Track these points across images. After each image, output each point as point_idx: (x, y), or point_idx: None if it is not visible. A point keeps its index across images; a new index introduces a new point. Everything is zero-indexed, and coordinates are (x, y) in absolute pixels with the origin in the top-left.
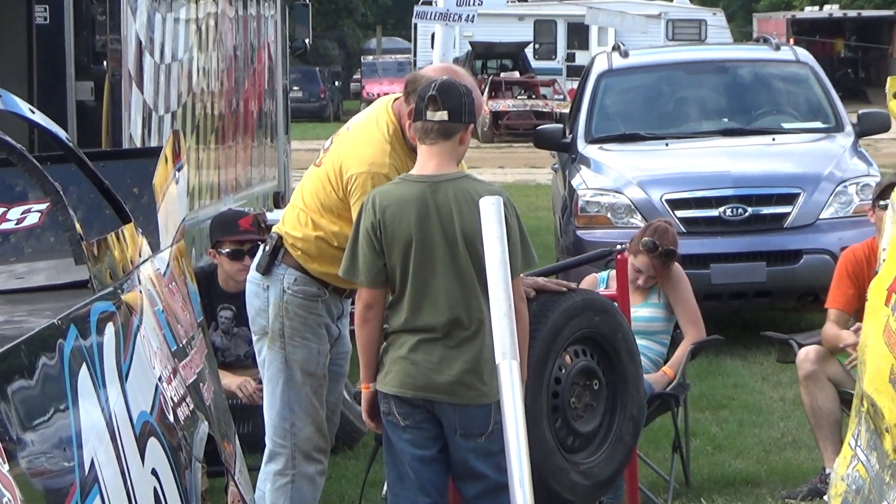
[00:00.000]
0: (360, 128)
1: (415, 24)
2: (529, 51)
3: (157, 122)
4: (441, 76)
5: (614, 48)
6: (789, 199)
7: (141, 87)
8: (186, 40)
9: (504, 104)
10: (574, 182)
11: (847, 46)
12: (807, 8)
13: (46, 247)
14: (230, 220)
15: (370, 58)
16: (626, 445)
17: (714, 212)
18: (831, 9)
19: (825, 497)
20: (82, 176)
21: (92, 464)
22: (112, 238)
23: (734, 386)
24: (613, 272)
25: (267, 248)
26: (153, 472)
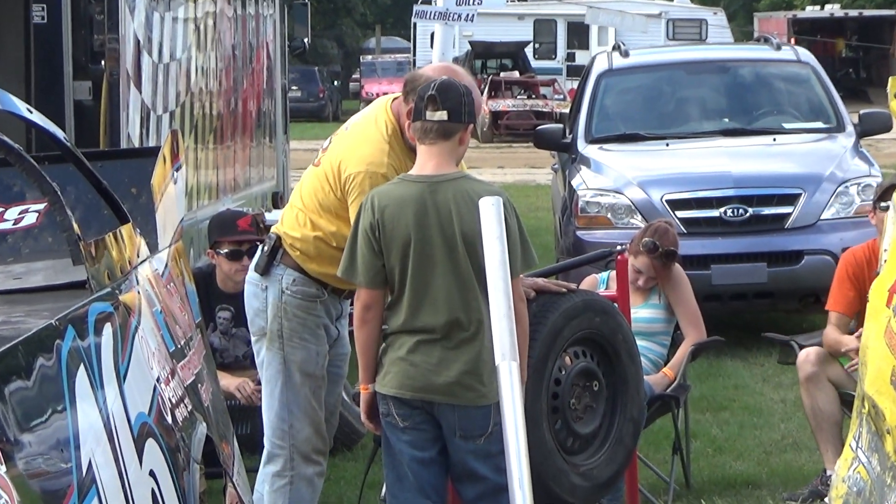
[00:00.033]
0: (359, 127)
1: (414, 24)
2: (529, 50)
3: (156, 122)
4: (440, 76)
5: (614, 48)
6: (790, 200)
7: (139, 87)
8: (185, 40)
9: (504, 104)
10: (574, 182)
11: (848, 46)
12: (808, 7)
13: (44, 247)
14: (228, 221)
15: (369, 57)
16: (627, 447)
17: (715, 212)
18: (832, 8)
19: (826, 499)
20: (80, 176)
21: (89, 465)
22: (110, 238)
23: (735, 387)
24: (613, 273)
25: (265, 249)
26: (151, 474)
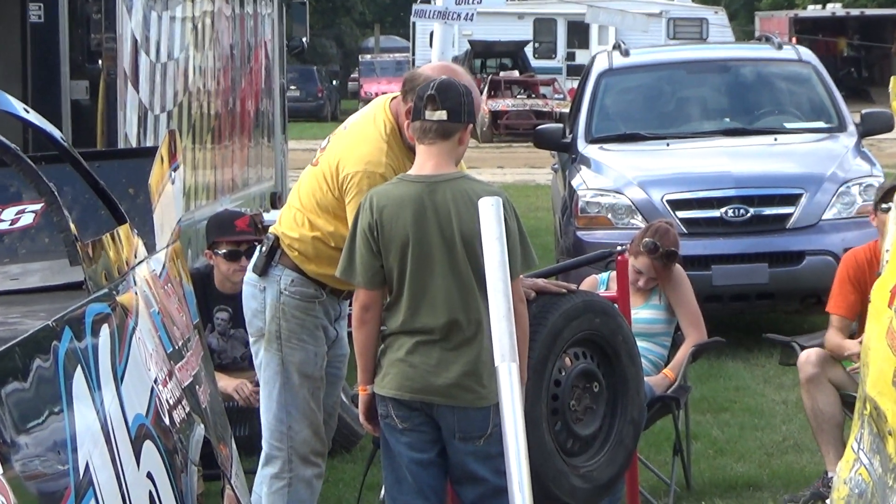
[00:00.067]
0: (358, 127)
1: (413, 23)
2: (529, 49)
3: (153, 122)
4: (440, 75)
5: (615, 47)
6: (791, 200)
7: (136, 87)
8: (182, 39)
9: (503, 103)
10: (574, 182)
11: (850, 45)
12: (809, 6)
13: (41, 248)
14: (226, 221)
15: (368, 57)
16: (627, 449)
17: (716, 212)
18: (834, 7)
19: (827, 501)
20: (77, 176)
21: (87, 467)
22: (107, 239)
23: (736, 388)
24: (614, 273)
25: (263, 249)
26: (148, 476)
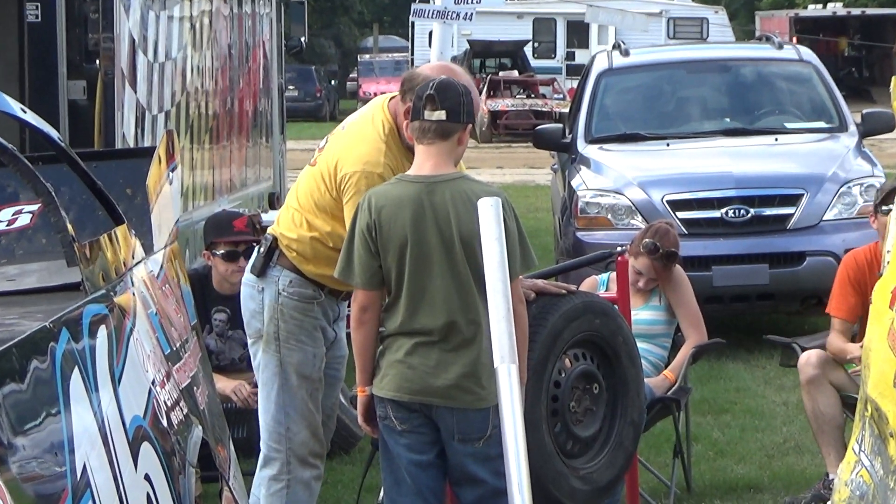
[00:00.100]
0: (356, 127)
1: (412, 22)
2: (528, 49)
3: (151, 122)
4: (439, 75)
5: (615, 47)
6: (792, 201)
7: (134, 86)
8: (180, 39)
9: (503, 103)
10: (574, 183)
11: (851, 45)
12: (810, 6)
13: (38, 248)
14: (224, 221)
15: (367, 56)
16: (627, 451)
17: (716, 213)
18: (835, 7)
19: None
20: (74, 176)
21: (84, 469)
22: (105, 240)
23: (736, 390)
24: (614, 274)
25: (262, 250)
26: (146, 478)
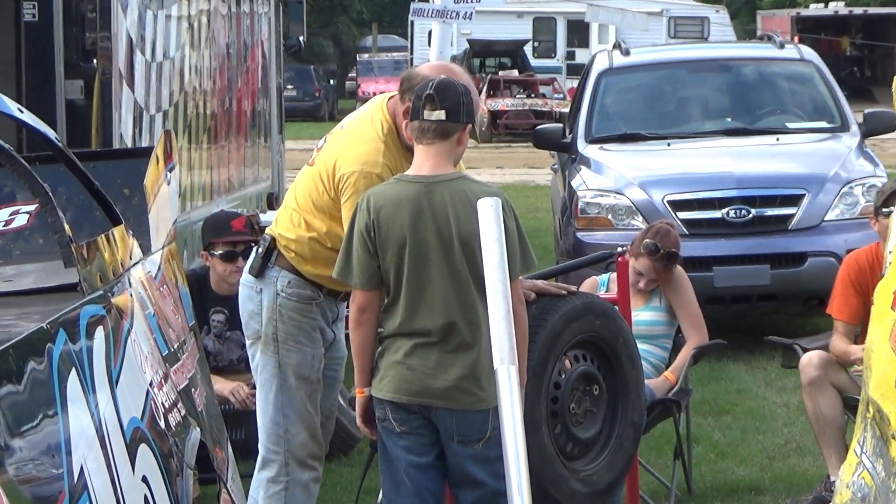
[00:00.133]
0: (354, 126)
1: (411, 22)
2: (528, 49)
3: (149, 122)
4: (438, 75)
5: (615, 46)
6: (794, 201)
7: (132, 86)
8: (178, 38)
9: (503, 103)
10: (574, 183)
11: (853, 44)
12: (812, 5)
13: (35, 249)
14: (222, 222)
15: (366, 56)
16: (627, 453)
17: (717, 213)
18: (837, 6)
19: None
20: (72, 177)
21: (81, 471)
22: (102, 240)
23: (737, 391)
24: (614, 275)
25: (260, 251)
26: (144, 480)
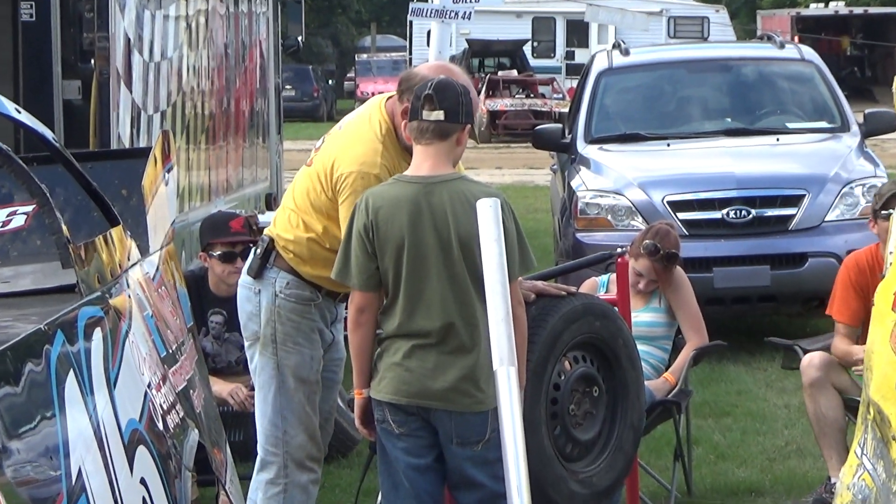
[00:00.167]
0: (353, 126)
1: (410, 22)
2: (528, 48)
3: (146, 122)
4: (437, 75)
5: (615, 46)
6: (794, 201)
7: (129, 86)
8: (176, 38)
9: (502, 103)
10: (573, 183)
11: (853, 44)
12: (812, 5)
13: (33, 250)
14: (221, 222)
15: (364, 56)
16: (627, 454)
17: (717, 214)
18: (837, 6)
19: None
20: (69, 177)
21: (79, 473)
22: (100, 241)
23: (737, 393)
24: (614, 276)
25: (258, 252)
26: (142, 482)
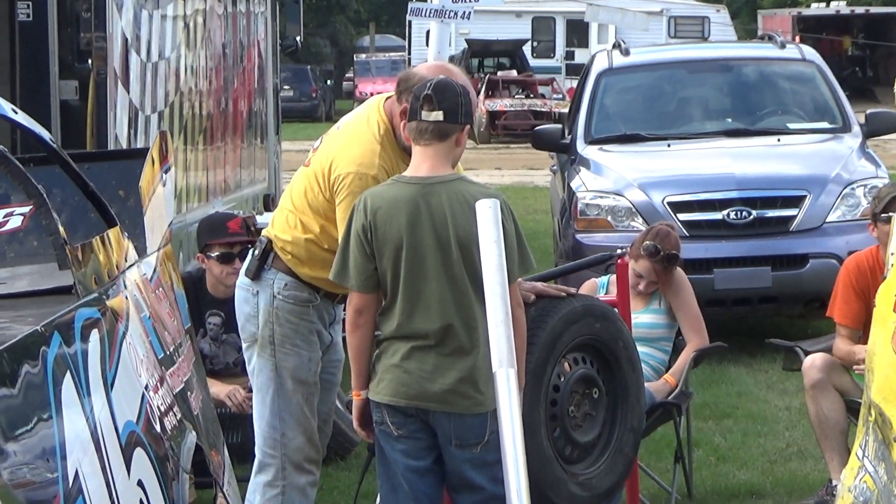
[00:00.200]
0: (351, 127)
1: (409, 21)
2: (527, 48)
3: (144, 123)
4: (435, 75)
5: (615, 46)
6: (795, 202)
7: (127, 87)
8: (174, 38)
9: (501, 104)
10: (573, 184)
11: (855, 44)
12: (813, 5)
13: (29, 251)
14: (219, 223)
15: (363, 56)
16: (626, 456)
17: (717, 215)
18: (838, 5)
19: None
20: (66, 178)
21: (76, 475)
22: (97, 242)
23: (738, 394)
24: (614, 277)
25: (256, 253)
26: (139, 484)
